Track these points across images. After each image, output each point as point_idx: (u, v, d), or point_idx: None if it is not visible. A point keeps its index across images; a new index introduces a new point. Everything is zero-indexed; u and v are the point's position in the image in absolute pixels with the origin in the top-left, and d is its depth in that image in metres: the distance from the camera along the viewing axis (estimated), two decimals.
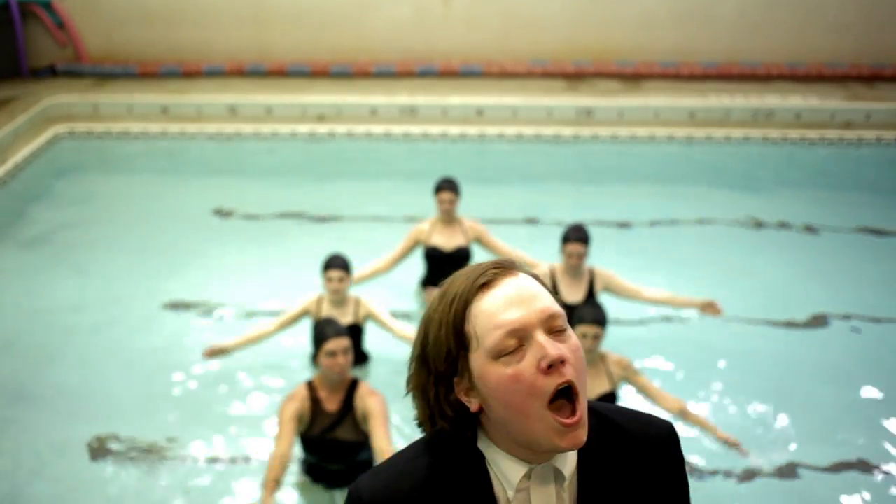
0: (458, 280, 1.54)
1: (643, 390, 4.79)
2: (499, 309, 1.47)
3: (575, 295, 5.32)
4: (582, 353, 1.51)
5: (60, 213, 7.85)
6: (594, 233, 5.58)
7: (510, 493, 1.53)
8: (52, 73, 10.68)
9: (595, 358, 4.60)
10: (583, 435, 1.48)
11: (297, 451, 4.54)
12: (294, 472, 4.55)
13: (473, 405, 1.52)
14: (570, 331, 1.51)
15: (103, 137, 9.34)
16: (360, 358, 5.32)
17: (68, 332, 5.97)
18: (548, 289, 1.54)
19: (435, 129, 9.30)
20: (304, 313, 5.32)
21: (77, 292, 6.48)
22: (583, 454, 1.56)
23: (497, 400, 1.49)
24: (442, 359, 1.51)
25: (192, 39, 10.78)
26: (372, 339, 5.51)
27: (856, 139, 9.09)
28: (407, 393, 1.59)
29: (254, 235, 7.37)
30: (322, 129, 9.38)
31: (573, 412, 1.47)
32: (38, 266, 6.86)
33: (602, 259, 5.81)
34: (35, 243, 7.25)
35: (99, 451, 4.81)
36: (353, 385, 4.29)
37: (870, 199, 8.05)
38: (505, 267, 1.53)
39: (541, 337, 1.46)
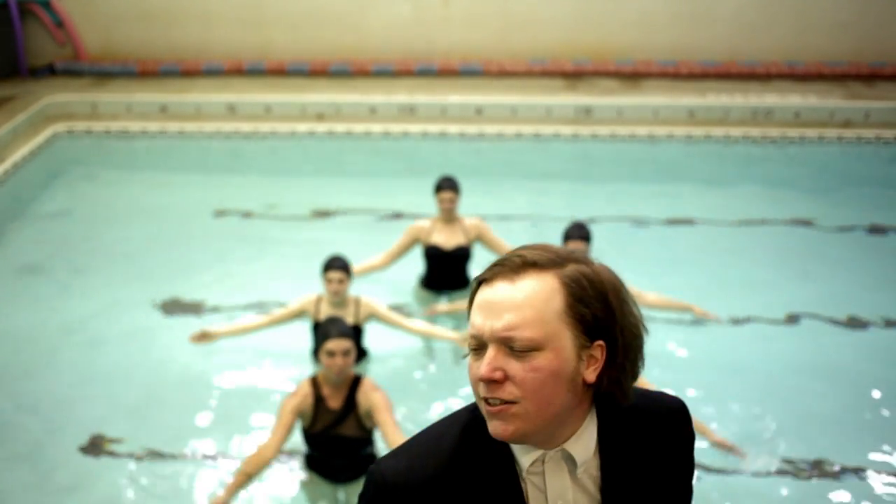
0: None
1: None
2: (474, 310, 1.55)
3: None
4: (542, 374, 1.49)
5: (59, 211, 7.84)
6: (593, 231, 5.58)
7: (523, 475, 1.57)
8: (50, 71, 10.67)
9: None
10: (503, 429, 1.50)
11: (301, 446, 4.55)
12: (298, 467, 4.57)
13: None
14: (537, 353, 1.49)
15: (102, 136, 9.33)
16: (359, 354, 5.31)
17: (66, 331, 5.96)
18: (580, 298, 1.57)
19: (434, 128, 9.30)
20: (300, 312, 5.31)
21: (75, 291, 6.48)
22: (601, 438, 1.60)
23: None
24: None
25: (191, 38, 10.77)
26: (372, 338, 5.51)
27: (855, 138, 9.09)
28: None
29: (253, 234, 7.37)
30: (321, 127, 9.38)
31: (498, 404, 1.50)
32: (37, 265, 6.85)
33: (601, 259, 5.79)
34: (33, 242, 7.25)
35: (96, 452, 4.81)
36: (355, 382, 4.29)
37: (869, 198, 8.05)
38: (508, 266, 1.54)
39: (490, 351, 1.51)
